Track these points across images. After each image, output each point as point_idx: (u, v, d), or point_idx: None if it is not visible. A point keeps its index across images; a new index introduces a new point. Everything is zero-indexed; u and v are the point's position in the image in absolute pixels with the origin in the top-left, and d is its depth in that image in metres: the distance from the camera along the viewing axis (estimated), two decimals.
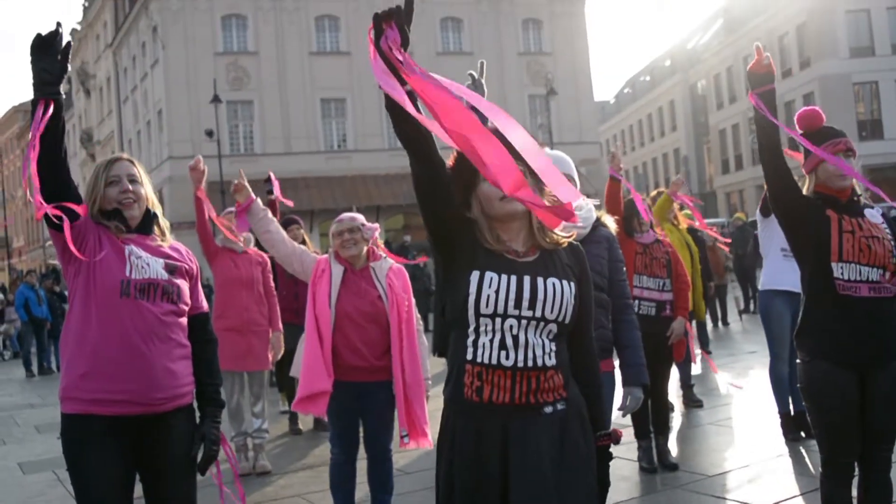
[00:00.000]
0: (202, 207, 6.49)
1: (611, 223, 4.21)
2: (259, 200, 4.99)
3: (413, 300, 4.85)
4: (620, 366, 4.16)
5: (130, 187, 3.20)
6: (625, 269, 4.22)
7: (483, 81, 3.52)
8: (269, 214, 5.04)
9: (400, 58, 2.26)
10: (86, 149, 48.54)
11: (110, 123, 44.69)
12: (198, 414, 3.33)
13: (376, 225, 4.94)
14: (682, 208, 9.03)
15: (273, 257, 7.42)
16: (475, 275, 2.50)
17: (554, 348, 2.53)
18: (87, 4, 49.37)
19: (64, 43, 2.91)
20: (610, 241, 4.07)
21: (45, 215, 2.89)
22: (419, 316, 4.93)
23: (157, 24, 34.13)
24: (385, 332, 4.62)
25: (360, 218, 4.84)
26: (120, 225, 3.17)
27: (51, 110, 2.88)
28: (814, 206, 3.64)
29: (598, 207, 4.22)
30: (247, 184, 5.00)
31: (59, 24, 2.91)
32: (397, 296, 4.67)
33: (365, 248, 4.77)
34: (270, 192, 7.40)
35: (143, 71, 37.48)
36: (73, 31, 51.55)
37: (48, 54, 2.90)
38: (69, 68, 2.97)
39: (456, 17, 37.26)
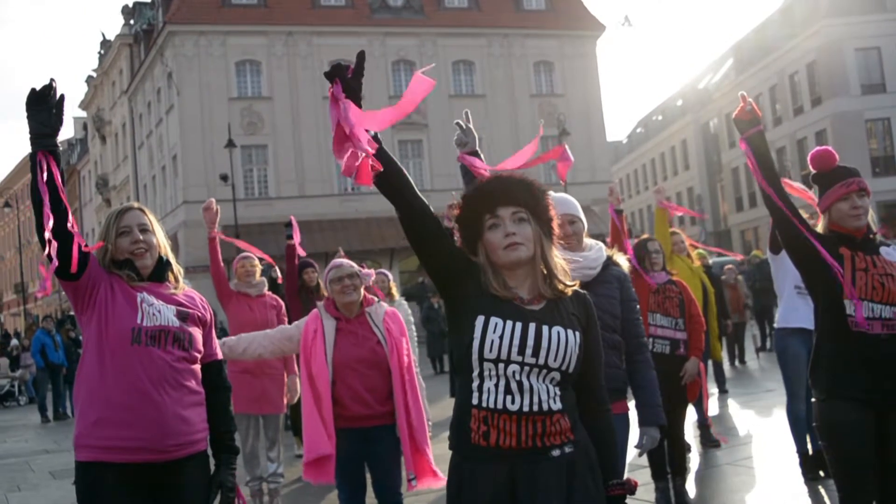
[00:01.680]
0: (216, 250, 6.53)
1: (623, 262, 4.21)
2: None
3: (410, 343, 4.86)
4: (637, 406, 4.13)
5: (141, 237, 3.22)
6: (638, 307, 4.21)
7: (472, 127, 3.54)
8: (230, 341, 4.96)
9: (340, 109, 2.50)
10: (101, 194, 48.96)
11: (126, 169, 45.09)
12: (212, 461, 3.32)
13: (372, 271, 4.95)
14: (696, 247, 9.01)
15: (287, 302, 7.50)
16: (480, 319, 2.50)
17: (559, 392, 2.52)
18: (102, 52, 50.07)
19: (58, 96, 2.94)
20: (622, 281, 4.06)
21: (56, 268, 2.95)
22: (416, 358, 4.92)
23: (171, 71, 34.55)
24: (386, 377, 4.60)
25: (354, 265, 4.86)
26: (132, 274, 3.18)
27: (52, 163, 2.90)
28: (826, 244, 3.63)
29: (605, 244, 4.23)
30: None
31: (52, 80, 2.95)
32: (396, 340, 4.66)
33: (361, 294, 4.79)
34: (290, 236, 7.43)
35: (159, 117, 37.88)
36: (89, 78, 52.21)
37: (44, 108, 2.92)
38: (64, 120, 3.00)
39: (468, 61, 37.58)
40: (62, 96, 2.96)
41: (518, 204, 2.57)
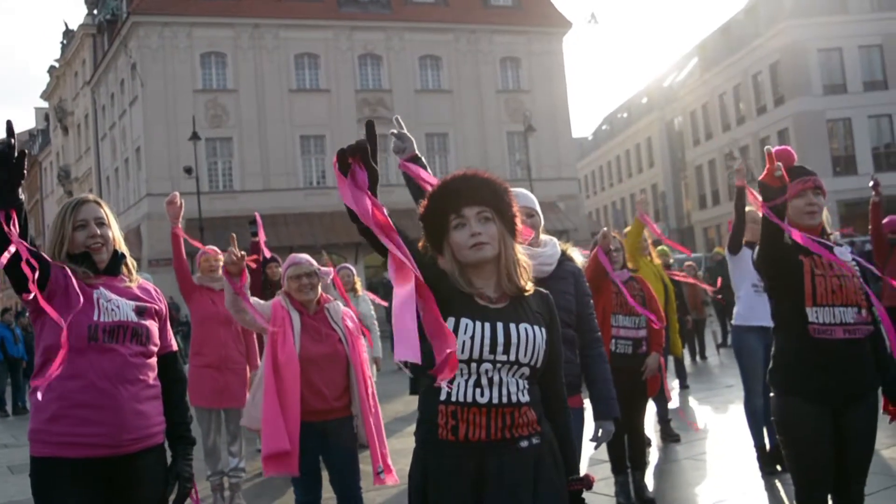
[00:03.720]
0: (179, 245, 6.48)
1: (577, 256, 4.25)
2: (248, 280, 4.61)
3: (373, 337, 4.88)
4: (591, 400, 4.17)
5: (98, 231, 3.17)
6: (592, 302, 4.25)
7: (407, 132, 3.48)
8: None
9: (368, 204, 2.24)
10: (63, 186, 48.35)
11: (88, 161, 44.57)
12: (169, 453, 3.31)
13: (331, 270, 4.94)
14: (657, 244, 9.10)
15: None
16: (450, 321, 2.51)
17: (527, 386, 2.57)
18: (65, 42, 49.40)
19: (17, 153, 2.76)
20: (576, 276, 4.10)
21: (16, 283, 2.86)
22: (381, 353, 4.92)
23: (135, 62, 34.19)
24: (344, 373, 4.64)
25: (314, 262, 4.84)
26: (87, 271, 3.14)
27: (14, 218, 2.80)
28: (787, 253, 3.66)
29: (565, 239, 4.26)
30: (240, 254, 4.40)
31: (9, 125, 2.77)
32: (355, 337, 4.72)
33: (319, 293, 4.79)
34: (255, 233, 7.37)
35: (122, 108, 37.47)
36: (52, 69, 51.51)
37: (3, 166, 2.75)
38: (26, 172, 2.84)
39: (435, 56, 37.57)
40: (22, 152, 2.77)
41: (483, 203, 2.60)
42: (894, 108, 39.78)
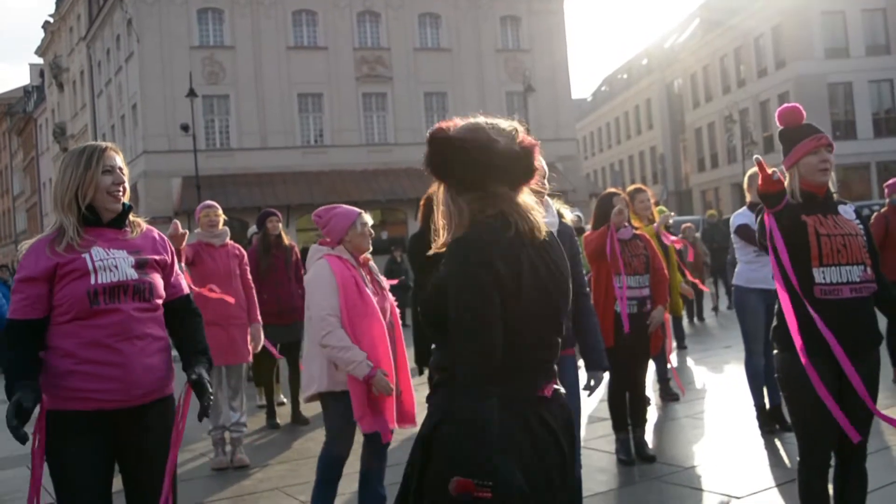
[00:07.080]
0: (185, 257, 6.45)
1: (567, 213, 4.32)
2: None
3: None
4: (582, 351, 4.26)
5: (123, 179, 3.17)
6: (580, 258, 4.31)
7: None
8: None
9: None
10: (59, 143, 48.06)
11: (84, 117, 44.27)
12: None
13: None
14: (657, 204, 9.10)
15: (248, 249, 7.43)
16: None
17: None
18: None
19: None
20: (570, 236, 4.16)
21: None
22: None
23: (131, 17, 33.80)
24: (387, 326, 4.50)
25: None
26: (75, 237, 3.07)
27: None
28: (791, 216, 3.62)
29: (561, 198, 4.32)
30: None
31: (18, 404, 2.88)
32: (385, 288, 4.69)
33: None
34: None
35: (118, 64, 37.13)
36: (46, 24, 51.01)
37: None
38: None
39: (434, 13, 37.18)
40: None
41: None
42: None
